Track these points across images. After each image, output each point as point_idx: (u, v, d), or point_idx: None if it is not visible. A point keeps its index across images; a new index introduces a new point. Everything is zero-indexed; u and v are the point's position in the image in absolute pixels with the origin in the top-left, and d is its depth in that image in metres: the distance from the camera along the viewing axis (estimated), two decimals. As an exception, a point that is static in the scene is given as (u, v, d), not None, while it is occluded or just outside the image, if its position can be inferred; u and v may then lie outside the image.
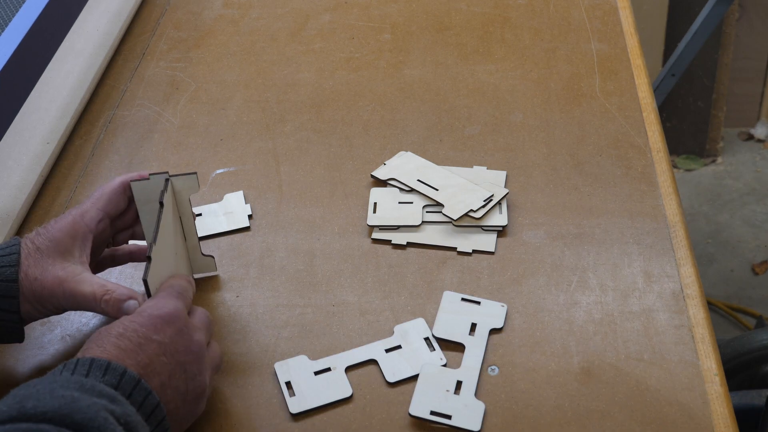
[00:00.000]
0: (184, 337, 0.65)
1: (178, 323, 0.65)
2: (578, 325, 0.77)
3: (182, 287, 0.69)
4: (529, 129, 1.00)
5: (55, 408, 0.53)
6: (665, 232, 0.86)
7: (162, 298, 0.67)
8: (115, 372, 0.59)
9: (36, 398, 0.53)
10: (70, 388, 0.55)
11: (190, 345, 0.65)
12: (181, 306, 0.67)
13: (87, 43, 1.15)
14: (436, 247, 0.85)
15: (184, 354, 0.64)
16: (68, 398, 0.54)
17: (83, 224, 0.75)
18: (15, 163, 0.97)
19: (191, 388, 0.65)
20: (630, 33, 1.14)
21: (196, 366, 0.65)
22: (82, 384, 0.56)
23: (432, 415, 0.69)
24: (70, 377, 0.57)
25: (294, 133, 1.01)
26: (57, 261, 0.72)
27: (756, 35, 2.35)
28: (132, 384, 0.59)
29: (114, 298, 0.70)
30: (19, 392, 0.55)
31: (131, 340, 0.62)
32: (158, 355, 0.63)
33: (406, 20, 1.20)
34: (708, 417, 0.69)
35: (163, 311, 0.65)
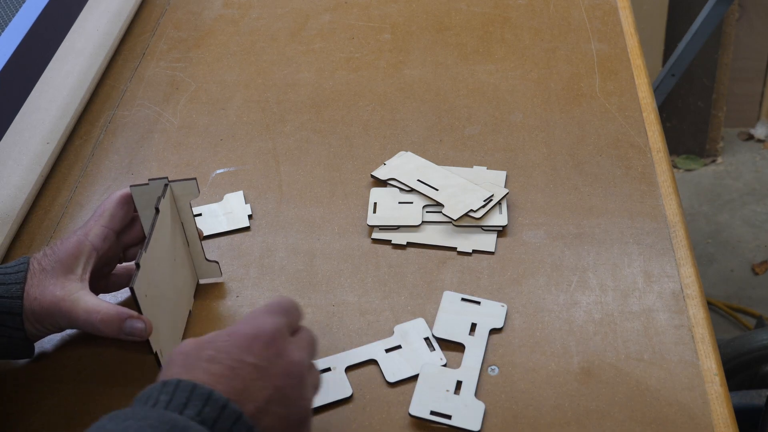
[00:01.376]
0: (282, 359, 0.58)
1: (277, 344, 0.59)
2: (578, 325, 0.77)
3: (287, 305, 0.63)
4: (529, 129, 1.00)
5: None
6: (665, 232, 0.86)
7: (260, 315, 0.61)
8: (215, 404, 0.53)
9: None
10: (159, 429, 0.50)
11: (289, 368, 0.59)
12: (281, 324, 0.60)
13: (87, 43, 1.15)
14: (436, 247, 0.85)
15: (283, 378, 0.58)
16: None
17: (88, 242, 0.74)
18: (15, 163, 0.97)
19: (292, 412, 0.58)
20: (630, 33, 1.15)
21: (297, 390, 0.59)
22: (174, 425, 0.51)
23: (432, 415, 0.69)
24: (163, 413, 0.52)
25: (294, 133, 1.02)
26: (58, 280, 0.72)
27: (756, 35, 2.35)
28: (232, 419, 0.54)
29: (109, 318, 0.69)
30: (107, 426, 0.51)
31: (223, 363, 0.56)
32: (254, 379, 0.57)
33: (406, 20, 1.21)
34: (708, 417, 0.69)
35: (260, 330, 0.59)
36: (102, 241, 0.75)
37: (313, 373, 0.62)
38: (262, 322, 0.59)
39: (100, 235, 0.75)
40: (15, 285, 0.71)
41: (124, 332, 0.70)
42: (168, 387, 0.54)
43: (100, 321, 0.70)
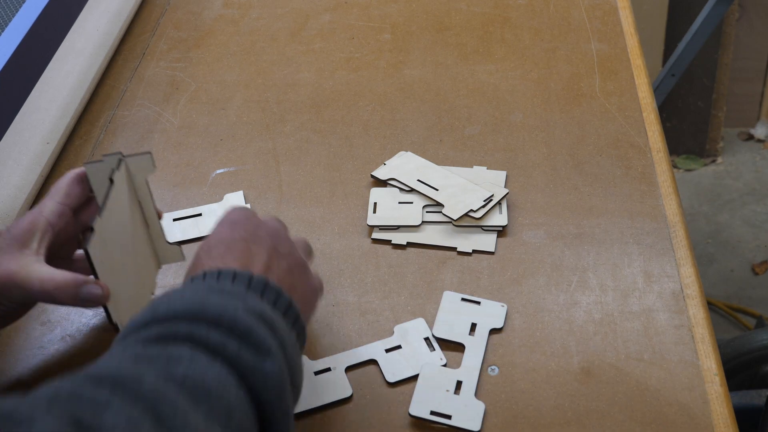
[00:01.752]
0: (262, 227, 0.65)
1: (252, 220, 0.66)
2: (578, 325, 0.77)
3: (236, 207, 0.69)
4: (529, 129, 1.00)
5: (187, 307, 0.54)
6: (665, 232, 0.86)
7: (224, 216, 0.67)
8: (242, 277, 0.59)
9: (167, 303, 0.54)
10: (200, 292, 0.56)
11: (271, 231, 0.65)
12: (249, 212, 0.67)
13: (87, 43, 1.15)
14: (436, 247, 0.85)
15: (270, 238, 0.65)
16: (199, 297, 0.55)
17: (42, 218, 0.72)
18: (15, 163, 0.97)
19: (292, 263, 0.65)
20: (630, 33, 1.15)
21: (285, 244, 0.65)
22: (210, 286, 0.57)
23: (432, 415, 0.69)
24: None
25: (294, 133, 1.01)
26: (13, 255, 0.70)
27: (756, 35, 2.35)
28: (261, 285, 0.59)
29: (64, 284, 0.68)
30: (153, 302, 0.56)
31: (217, 248, 0.63)
32: (248, 248, 0.63)
33: (406, 20, 1.21)
34: (708, 417, 0.69)
35: (232, 218, 0.66)
36: (57, 217, 0.73)
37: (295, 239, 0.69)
38: (229, 213, 0.67)
39: (56, 211, 0.73)
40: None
41: (81, 298, 0.68)
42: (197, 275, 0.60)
43: (55, 288, 0.68)
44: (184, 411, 0.47)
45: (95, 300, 0.68)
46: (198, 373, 0.50)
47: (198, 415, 0.47)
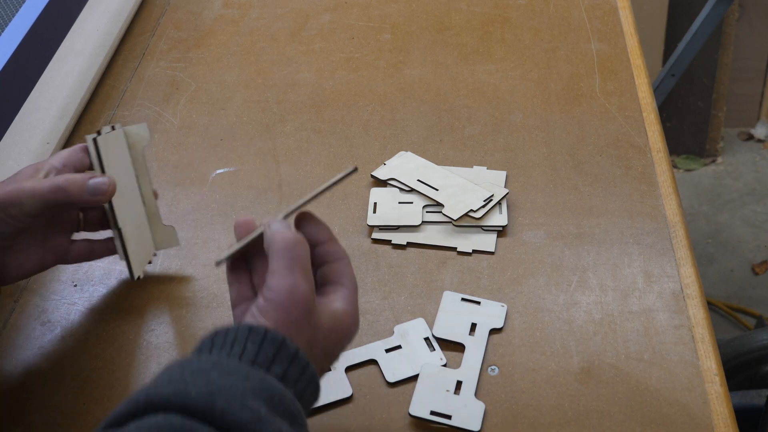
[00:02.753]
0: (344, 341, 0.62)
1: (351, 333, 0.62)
2: (578, 325, 0.77)
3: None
4: (529, 129, 1.00)
5: (241, 423, 0.48)
6: (665, 232, 0.86)
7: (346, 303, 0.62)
8: (298, 364, 0.55)
9: (227, 399, 0.49)
10: (260, 398, 0.51)
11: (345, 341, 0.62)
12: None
13: (87, 43, 1.15)
14: (436, 247, 0.85)
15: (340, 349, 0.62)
16: (255, 415, 0.49)
17: (46, 163, 0.72)
18: (15, 163, 0.97)
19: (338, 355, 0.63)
20: (630, 33, 1.15)
21: (339, 344, 0.62)
22: (272, 395, 0.52)
23: (432, 415, 0.69)
24: (264, 379, 0.52)
25: (294, 133, 1.01)
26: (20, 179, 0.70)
27: (756, 35, 2.35)
28: (307, 379, 0.56)
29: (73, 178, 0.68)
30: (212, 373, 0.51)
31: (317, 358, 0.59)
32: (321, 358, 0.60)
33: (406, 20, 1.21)
34: (708, 417, 0.69)
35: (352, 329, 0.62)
36: (62, 166, 0.72)
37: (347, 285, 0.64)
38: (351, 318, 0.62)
39: (57, 166, 0.72)
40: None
41: (89, 192, 0.68)
42: (256, 336, 0.54)
43: (65, 180, 0.68)
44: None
45: (102, 191, 0.68)
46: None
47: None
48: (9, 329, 0.80)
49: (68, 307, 0.81)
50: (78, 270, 0.85)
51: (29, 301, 0.82)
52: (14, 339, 0.79)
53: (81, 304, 0.82)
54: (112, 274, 0.84)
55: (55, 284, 0.84)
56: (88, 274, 0.84)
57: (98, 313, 0.81)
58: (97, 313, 0.81)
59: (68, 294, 0.83)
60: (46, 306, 0.82)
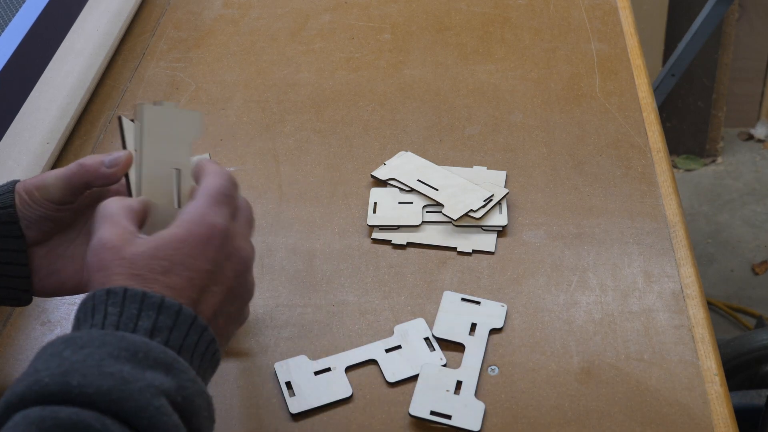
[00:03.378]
0: (233, 259, 0.57)
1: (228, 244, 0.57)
2: (578, 325, 0.77)
3: (227, 188, 0.60)
4: (529, 129, 1.00)
5: (103, 391, 0.46)
6: (665, 232, 0.86)
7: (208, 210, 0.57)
8: (169, 311, 0.52)
9: (82, 373, 0.47)
10: (120, 358, 0.48)
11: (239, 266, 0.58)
12: (228, 217, 0.58)
13: (87, 43, 1.15)
14: (436, 247, 0.85)
15: (234, 278, 0.57)
16: (118, 378, 0.47)
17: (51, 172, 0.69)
18: (15, 163, 0.97)
19: (240, 305, 0.59)
20: (630, 33, 1.15)
21: (243, 288, 0.59)
22: (134, 352, 0.49)
23: (432, 415, 0.69)
24: (123, 338, 0.50)
25: (294, 133, 1.02)
26: None
27: (756, 35, 2.35)
28: (188, 323, 0.53)
29: (92, 158, 0.66)
30: (64, 353, 0.48)
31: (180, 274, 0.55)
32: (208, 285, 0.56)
33: (406, 20, 1.21)
34: (708, 417, 0.69)
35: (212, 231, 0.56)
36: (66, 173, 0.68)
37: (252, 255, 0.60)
38: (212, 220, 0.57)
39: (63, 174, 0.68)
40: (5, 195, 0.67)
41: (106, 164, 0.66)
42: (114, 297, 0.52)
43: (86, 158, 0.67)
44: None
45: (119, 161, 0.66)
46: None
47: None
48: (9, 329, 0.80)
49: (68, 307, 0.81)
50: (78, 270, 0.85)
51: (29, 301, 0.82)
52: (14, 339, 0.79)
53: (81, 304, 0.82)
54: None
55: (55, 284, 0.84)
56: (88, 274, 0.84)
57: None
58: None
59: (68, 294, 0.83)
60: (46, 306, 0.82)
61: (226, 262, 0.57)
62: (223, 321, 0.57)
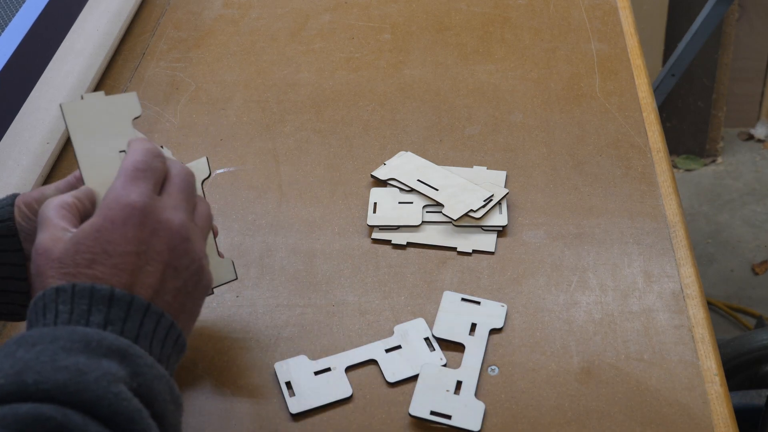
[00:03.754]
0: (161, 234, 0.55)
1: (149, 219, 0.55)
2: (578, 325, 0.77)
3: (147, 160, 0.58)
4: (529, 129, 1.00)
5: (59, 385, 0.46)
6: (665, 232, 0.86)
7: (122, 187, 0.56)
8: (120, 303, 0.52)
9: (37, 370, 0.47)
10: (73, 351, 0.48)
11: (171, 239, 0.56)
12: (147, 191, 0.56)
13: (87, 43, 1.15)
14: (436, 247, 0.85)
15: (168, 252, 0.55)
16: (73, 370, 0.47)
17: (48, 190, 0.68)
18: (15, 163, 0.97)
19: (187, 278, 0.57)
20: (630, 33, 1.15)
21: (185, 255, 0.56)
22: (87, 342, 0.49)
23: (432, 415, 0.69)
24: (72, 330, 0.50)
25: (294, 133, 1.02)
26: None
27: (756, 35, 2.35)
28: (141, 312, 0.52)
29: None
30: (17, 353, 0.48)
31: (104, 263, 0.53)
32: (140, 266, 0.54)
33: (406, 20, 1.21)
34: (708, 417, 0.69)
35: (127, 209, 0.55)
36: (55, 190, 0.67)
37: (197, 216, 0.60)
38: (126, 197, 0.55)
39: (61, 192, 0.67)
40: (4, 208, 0.66)
41: None
42: (64, 295, 0.52)
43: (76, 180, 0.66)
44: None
45: None
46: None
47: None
48: (9, 329, 0.80)
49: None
50: (78, 270, 0.85)
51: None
52: (14, 339, 0.79)
53: (81, 304, 0.82)
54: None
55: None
56: (88, 274, 0.84)
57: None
58: None
59: (68, 294, 0.83)
60: (46, 306, 0.81)
61: (153, 238, 0.55)
62: (171, 297, 0.55)
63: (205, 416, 0.70)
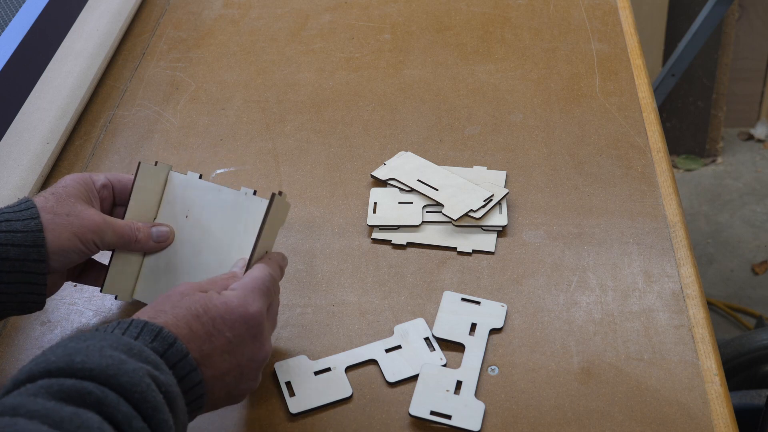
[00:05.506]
0: (255, 344, 0.64)
1: (255, 329, 0.64)
2: (578, 325, 0.77)
3: (269, 281, 0.68)
4: (529, 129, 1.00)
5: (102, 367, 0.53)
6: (665, 232, 0.86)
7: (251, 293, 0.65)
8: (164, 341, 0.59)
9: (85, 354, 0.54)
10: (118, 349, 0.55)
11: (257, 353, 0.64)
12: (263, 307, 0.65)
13: (87, 43, 1.15)
14: (436, 247, 0.85)
15: (249, 360, 0.64)
16: (116, 359, 0.54)
17: (89, 179, 0.75)
18: (15, 163, 0.97)
19: (242, 388, 0.65)
20: (630, 33, 1.15)
21: (254, 372, 0.65)
22: (130, 347, 0.56)
23: (432, 415, 0.69)
24: (120, 338, 0.57)
25: (294, 133, 1.02)
26: (82, 203, 0.73)
27: (756, 35, 2.35)
28: (178, 356, 0.59)
29: (144, 227, 0.76)
30: (69, 344, 0.55)
31: (205, 326, 0.62)
32: (223, 351, 0.62)
33: (406, 20, 1.21)
34: (708, 417, 0.69)
35: (247, 311, 0.64)
36: (101, 187, 0.76)
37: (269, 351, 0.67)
38: (251, 302, 0.64)
39: (100, 180, 0.76)
40: (31, 220, 0.70)
41: (154, 239, 0.76)
42: (122, 324, 0.59)
43: (137, 229, 0.75)
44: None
45: (164, 238, 0.77)
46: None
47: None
48: (9, 329, 0.80)
49: (68, 307, 0.82)
50: (78, 270, 0.85)
51: (29, 301, 0.82)
52: (14, 339, 0.79)
53: (81, 304, 0.82)
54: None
55: (55, 284, 0.84)
56: (88, 274, 0.85)
57: (98, 313, 0.81)
58: (96, 313, 0.81)
59: (68, 294, 0.83)
60: (46, 306, 0.81)
61: (249, 342, 0.64)
62: (219, 387, 0.63)
63: (205, 416, 0.70)
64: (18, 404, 0.50)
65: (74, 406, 0.51)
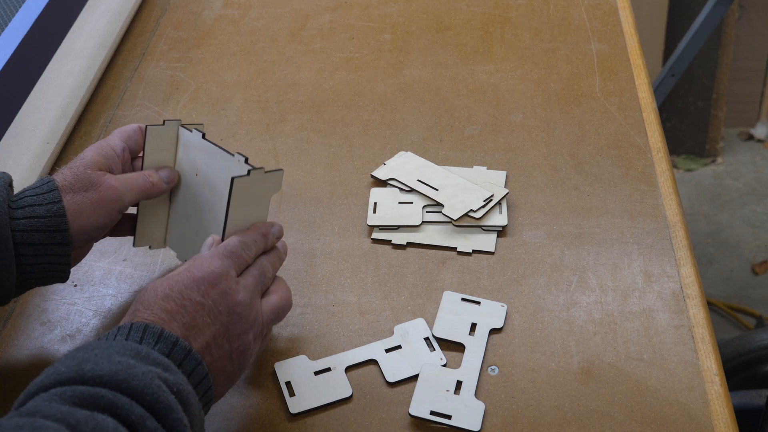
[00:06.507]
0: (227, 299, 0.65)
1: (221, 285, 0.65)
2: (578, 325, 0.77)
3: (234, 246, 0.68)
4: (529, 129, 1.00)
5: (112, 373, 0.54)
6: (665, 232, 0.86)
7: (208, 257, 0.67)
8: (167, 341, 0.60)
9: (94, 362, 0.55)
10: (126, 355, 0.57)
11: (233, 306, 0.65)
12: (226, 266, 0.66)
13: (87, 43, 1.15)
14: (436, 247, 0.85)
15: (227, 315, 0.65)
16: (125, 364, 0.55)
17: (108, 146, 0.76)
18: (15, 163, 0.97)
19: (235, 347, 0.65)
20: (630, 33, 1.15)
21: (239, 326, 0.65)
22: (137, 351, 0.58)
23: (432, 415, 0.69)
24: (125, 343, 0.58)
25: (294, 133, 1.02)
26: (97, 172, 0.74)
27: (756, 35, 2.35)
28: (183, 353, 0.60)
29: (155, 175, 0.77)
30: (77, 354, 0.56)
31: (176, 301, 0.63)
32: (201, 315, 0.63)
33: (406, 20, 1.21)
34: (708, 417, 0.69)
35: (206, 272, 0.65)
36: (122, 151, 0.77)
37: (266, 305, 0.69)
38: (207, 264, 0.66)
39: (119, 146, 0.77)
40: (53, 204, 0.71)
41: (165, 181, 0.77)
42: (123, 330, 0.60)
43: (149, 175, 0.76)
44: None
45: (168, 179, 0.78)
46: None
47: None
48: (9, 329, 0.80)
49: (68, 307, 0.82)
50: (78, 270, 0.85)
51: (29, 301, 0.82)
52: (14, 339, 0.79)
53: (81, 304, 0.82)
54: (112, 274, 0.84)
55: (55, 284, 0.84)
56: (88, 275, 0.85)
57: (98, 313, 0.81)
58: (96, 313, 0.81)
59: (68, 294, 0.83)
60: (46, 306, 0.82)
61: (220, 299, 0.65)
62: (216, 354, 0.64)
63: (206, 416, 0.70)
64: (34, 410, 0.51)
65: (88, 410, 0.52)
